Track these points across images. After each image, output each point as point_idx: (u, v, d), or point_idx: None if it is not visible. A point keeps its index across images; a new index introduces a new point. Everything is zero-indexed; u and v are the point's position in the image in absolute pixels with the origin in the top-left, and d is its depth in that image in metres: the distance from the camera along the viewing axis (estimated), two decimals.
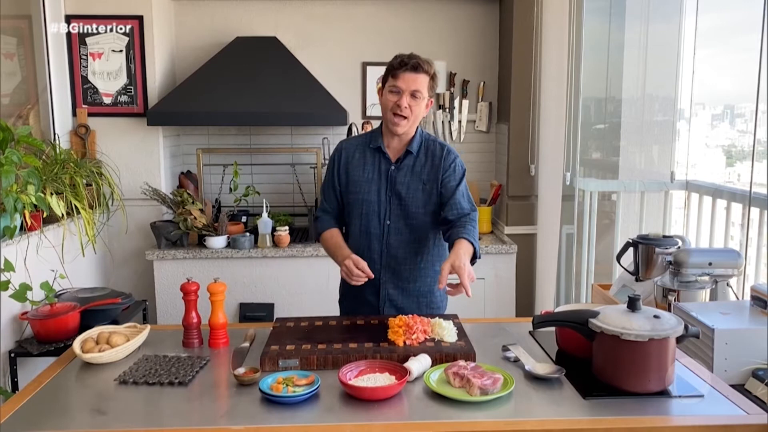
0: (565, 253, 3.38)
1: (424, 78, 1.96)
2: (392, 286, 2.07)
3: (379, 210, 2.03)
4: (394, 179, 2.03)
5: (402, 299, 2.08)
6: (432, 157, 2.05)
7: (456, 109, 3.84)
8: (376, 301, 2.08)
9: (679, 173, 2.69)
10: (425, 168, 2.04)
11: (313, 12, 3.78)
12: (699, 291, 1.91)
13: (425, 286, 2.10)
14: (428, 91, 1.98)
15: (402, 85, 1.93)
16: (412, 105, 1.95)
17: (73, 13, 3.41)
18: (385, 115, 2.00)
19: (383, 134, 2.06)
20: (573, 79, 3.07)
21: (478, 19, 3.84)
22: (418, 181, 2.03)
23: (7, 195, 2.30)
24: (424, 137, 2.09)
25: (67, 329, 2.48)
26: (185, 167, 3.87)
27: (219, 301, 1.77)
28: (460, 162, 2.09)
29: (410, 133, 2.04)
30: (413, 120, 1.99)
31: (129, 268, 3.58)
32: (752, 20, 2.04)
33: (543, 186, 3.24)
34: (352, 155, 2.08)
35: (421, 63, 1.95)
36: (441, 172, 2.04)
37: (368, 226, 2.04)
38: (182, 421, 1.36)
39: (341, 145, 2.13)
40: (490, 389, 1.41)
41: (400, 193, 2.03)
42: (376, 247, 2.05)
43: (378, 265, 2.04)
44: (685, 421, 1.34)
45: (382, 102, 2.00)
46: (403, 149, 2.05)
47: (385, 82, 2.00)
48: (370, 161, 2.06)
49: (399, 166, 2.04)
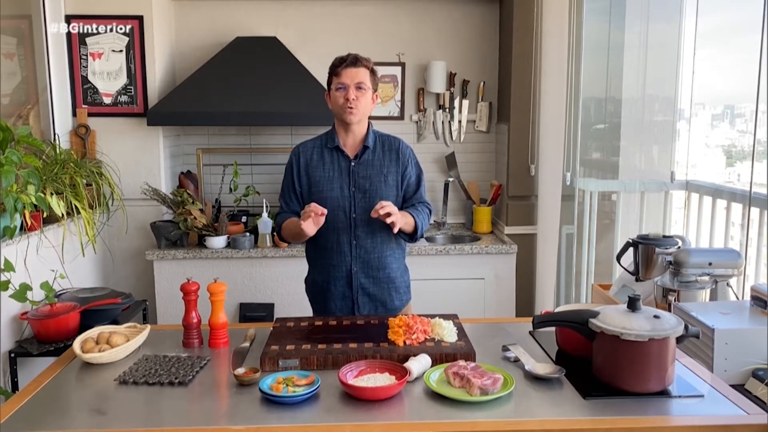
0: (565, 253, 3.38)
1: (365, 71, 2.07)
2: (363, 275, 2.16)
3: (344, 204, 2.11)
4: (355, 174, 2.13)
5: (373, 287, 2.17)
6: (389, 150, 2.16)
7: (456, 109, 3.84)
8: (350, 292, 2.16)
9: (679, 173, 2.69)
10: (384, 161, 2.15)
11: (313, 12, 3.78)
12: (699, 291, 1.91)
13: (393, 272, 2.19)
14: (371, 83, 2.09)
15: (346, 80, 2.05)
16: (359, 96, 2.06)
17: (73, 13, 3.41)
18: (337, 111, 2.10)
19: (337, 133, 2.16)
20: (573, 79, 3.07)
21: (478, 19, 3.84)
22: (379, 173, 2.13)
23: (7, 195, 2.30)
24: (377, 134, 2.19)
25: (67, 329, 2.48)
26: (185, 167, 3.87)
27: (219, 301, 1.77)
28: (415, 157, 2.23)
29: (363, 127, 2.15)
30: (363, 111, 2.09)
31: (129, 268, 3.58)
32: (752, 20, 2.04)
33: (543, 186, 3.24)
34: (310, 157, 2.17)
35: (360, 58, 2.08)
36: (401, 166, 2.16)
37: (335, 222, 2.11)
38: (182, 421, 1.36)
39: (298, 148, 2.21)
40: (490, 389, 1.41)
41: (363, 186, 2.12)
42: (345, 240, 2.13)
43: (348, 257, 2.14)
44: (685, 421, 1.35)
45: (332, 104, 2.11)
46: (360, 145, 2.15)
47: (330, 84, 2.11)
48: (329, 160, 2.15)
49: (359, 161, 2.14)
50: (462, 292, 3.40)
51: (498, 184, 3.75)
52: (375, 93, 2.13)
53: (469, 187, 3.87)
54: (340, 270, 2.15)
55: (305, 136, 3.91)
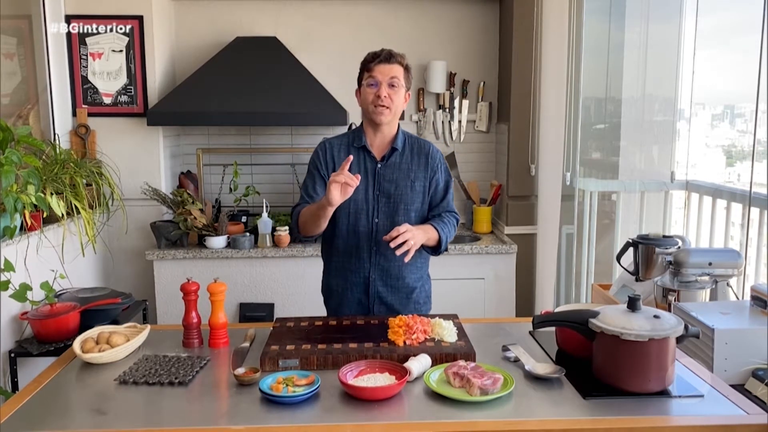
0: (565, 253, 3.38)
1: (399, 68, 1.97)
2: (381, 283, 2.06)
3: (367, 208, 2.02)
4: (381, 177, 2.02)
5: (391, 296, 2.08)
6: (419, 155, 2.05)
7: (456, 109, 3.84)
8: (366, 300, 2.07)
9: (679, 173, 2.69)
10: (413, 165, 2.04)
11: (313, 12, 3.78)
12: (699, 291, 1.91)
13: (413, 281, 2.10)
14: (405, 81, 1.99)
15: (378, 76, 1.94)
16: (391, 94, 1.95)
17: (73, 13, 3.41)
18: (366, 109, 1.99)
19: (365, 133, 2.05)
20: (573, 79, 3.07)
21: (478, 19, 3.84)
22: (406, 178, 2.03)
23: (7, 195, 2.30)
24: (407, 135, 2.09)
25: (67, 329, 2.48)
26: (185, 167, 3.87)
27: (219, 301, 1.77)
28: (445, 163, 2.12)
29: (393, 127, 2.04)
30: (394, 111, 1.98)
31: (129, 268, 3.58)
32: (752, 21, 2.04)
33: (543, 186, 3.24)
34: (337, 153, 2.05)
35: (394, 54, 1.97)
36: (430, 171, 2.05)
37: (356, 225, 2.03)
38: (182, 421, 1.36)
39: (324, 143, 2.10)
40: (490, 389, 1.41)
41: (388, 191, 2.02)
42: (365, 245, 2.03)
43: (367, 263, 2.05)
44: (685, 421, 1.34)
45: (361, 100, 2.01)
46: (388, 146, 2.04)
47: (361, 79, 2.00)
48: (355, 160, 2.01)
49: (386, 163, 2.03)
50: (462, 292, 3.40)
51: (498, 184, 3.75)
52: (408, 92, 2.02)
53: (469, 187, 3.87)
54: (357, 276, 2.06)
55: (305, 136, 3.93)
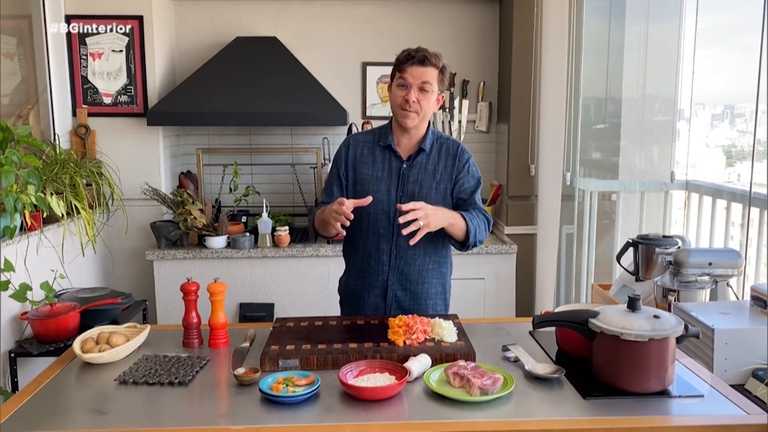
0: (565, 253, 3.38)
1: (433, 71, 1.88)
2: (400, 287, 2.01)
3: (388, 209, 1.95)
4: (406, 177, 1.96)
5: (409, 301, 2.02)
6: (446, 156, 1.98)
7: (456, 109, 3.84)
8: (383, 304, 2.02)
9: (679, 173, 2.69)
10: (439, 166, 1.97)
11: (313, 12, 3.78)
12: (699, 291, 1.91)
13: (433, 287, 2.05)
14: (438, 84, 1.91)
15: (409, 78, 1.87)
16: (421, 99, 1.89)
17: (73, 13, 3.41)
18: (395, 110, 1.93)
19: (393, 131, 1.99)
20: (573, 79, 3.07)
21: (478, 19, 3.84)
22: (431, 179, 1.96)
23: (7, 195, 2.30)
24: (437, 135, 2.02)
25: (67, 329, 2.48)
26: (185, 167, 3.87)
27: (219, 301, 1.77)
28: (474, 164, 2.03)
29: (421, 129, 1.97)
30: (423, 115, 1.91)
31: (129, 268, 3.58)
32: (752, 20, 2.04)
33: (543, 186, 3.24)
34: (360, 151, 2.00)
35: (429, 56, 1.88)
36: (455, 172, 1.98)
37: (377, 226, 1.97)
38: (182, 421, 1.36)
39: (349, 140, 2.04)
40: (490, 389, 1.41)
41: (412, 192, 1.95)
42: (384, 247, 1.98)
43: (386, 267, 1.99)
44: (685, 421, 1.34)
45: (391, 98, 1.94)
46: (415, 147, 1.98)
47: (393, 77, 1.94)
48: (380, 158, 1.98)
49: (411, 164, 1.97)
50: (462, 292, 3.39)
51: (498, 184, 3.75)
52: (441, 93, 1.94)
53: None
54: (375, 278, 2.00)
55: (305, 136, 3.93)
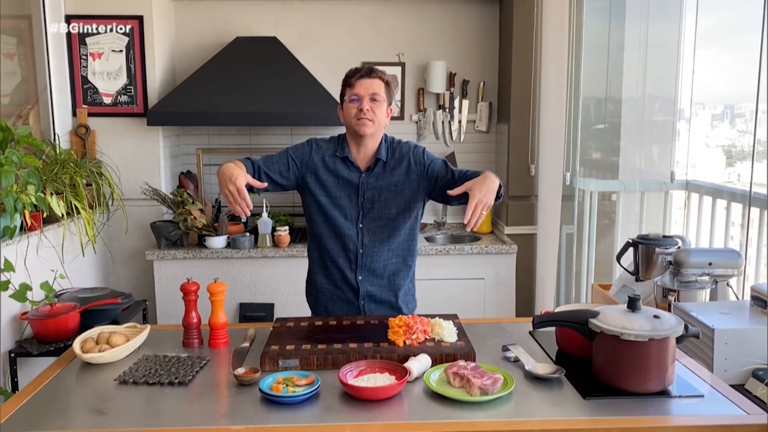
0: (565, 253, 3.38)
1: (379, 83, 1.99)
2: (369, 283, 2.10)
3: (351, 213, 2.06)
4: (365, 186, 2.05)
5: (379, 291, 2.12)
6: (400, 161, 2.06)
7: (456, 109, 3.84)
8: (356, 299, 2.11)
9: (679, 173, 2.69)
10: (396, 170, 2.06)
11: (313, 12, 3.78)
12: (699, 291, 1.91)
13: (400, 279, 2.13)
14: (386, 96, 2.01)
15: (360, 90, 1.97)
16: (374, 108, 1.98)
17: (73, 13, 3.41)
18: (350, 123, 2.00)
19: (349, 146, 2.06)
20: (573, 79, 3.08)
21: (478, 19, 3.84)
22: (389, 183, 2.06)
23: (7, 195, 2.30)
24: (389, 142, 2.10)
25: (67, 329, 2.48)
26: (185, 167, 3.87)
27: (219, 301, 1.77)
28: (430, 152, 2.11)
29: (376, 140, 2.05)
30: (378, 124, 2.00)
31: (129, 268, 3.58)
32: (752, 20, 2.04)
33: (543, 186, 3.24)
34: (321, 157, 2.07)
35: (374, 69, 2.01)
36: (419, 168, 2.05)
37: (341, 228, 2.06)
38: (182, 421, 1.36)
39: (313, 142, 2.11)
40: (490, 389, 1.41)
41: (372, 198, 2.05)
42: (351, 247, 2.08)
43: (354, 265, 2.09)
44: (685, 421, 1.34)
45: (345, 115, 2.02)
46: (372, 158, 2.06)
47: (343, 96, 2.03)
48: (340, 168, 2.06)
49: (370, 173, 2.06)
50: (462, 292, 3.40)
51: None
52: (390, 106, 2.05)
53: None
54: (345, 277, 2.10)
55: (305, 136, 3.90)
